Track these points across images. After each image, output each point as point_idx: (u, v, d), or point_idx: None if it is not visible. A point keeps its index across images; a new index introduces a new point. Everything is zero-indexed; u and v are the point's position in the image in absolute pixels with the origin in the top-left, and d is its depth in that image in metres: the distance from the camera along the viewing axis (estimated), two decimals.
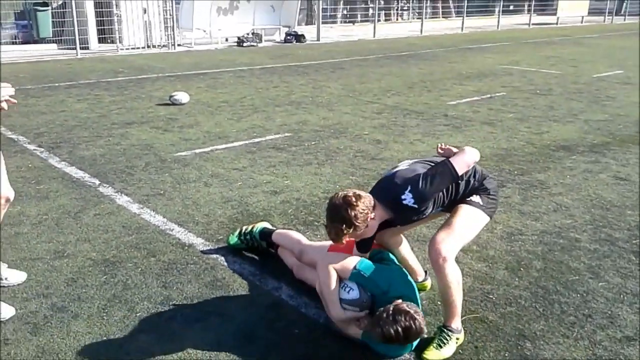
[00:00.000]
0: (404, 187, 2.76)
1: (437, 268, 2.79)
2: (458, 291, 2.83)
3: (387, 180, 2.89)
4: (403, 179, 2.80)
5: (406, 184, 2.77)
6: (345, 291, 2.91)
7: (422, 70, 12.52)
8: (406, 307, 2.65)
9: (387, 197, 2.81)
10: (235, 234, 3.79)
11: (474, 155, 2.89)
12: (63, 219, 4.31)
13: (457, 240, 2.84)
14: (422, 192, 2.74)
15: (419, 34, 22.14)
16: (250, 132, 6.99)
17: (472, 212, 2.92)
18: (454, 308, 2.85)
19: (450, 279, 2.78)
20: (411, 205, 2.77)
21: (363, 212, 2.68)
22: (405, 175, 2.82)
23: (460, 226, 2.86)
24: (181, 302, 3.22)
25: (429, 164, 2.93)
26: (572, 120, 7.83)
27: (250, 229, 3.77)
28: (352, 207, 2.66)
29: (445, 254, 2.76)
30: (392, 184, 2.83)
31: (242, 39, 17.26)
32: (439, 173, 2.79)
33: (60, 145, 6.20)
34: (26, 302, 3.19)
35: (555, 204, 4.74)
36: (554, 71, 12.55)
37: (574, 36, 22.04)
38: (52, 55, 13.88)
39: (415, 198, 2.75)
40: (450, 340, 2.81)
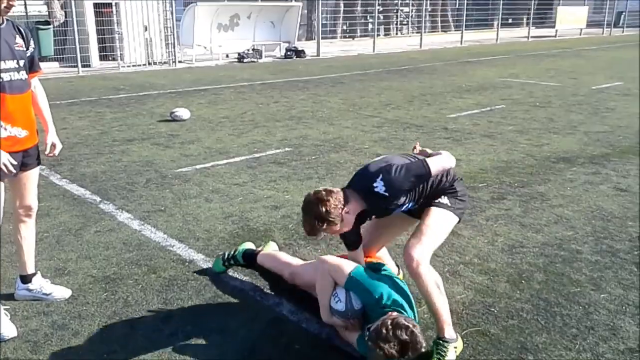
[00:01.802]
0: (376, 175, 2.83)
1: (413, 273, 2.82)
2: (440, 296, 2.84)
3: (362, 171, 2.97)
4: (376, 168, 2.88)
5: (378, 172, 2.84)
6: (334, 301, 2.97)
7: (422, 84, 12.58)
8: (404, 321, 2.63)
9: (360, 186, 2.88)
10: (220, 261, 3.73)
11: (450, 160, 2.98)
12: (64, 237, 4.32)
13: (429, 244, 2.89)
14: (393, 179, 2.79)
15: (418, 48, 22.26)
16: (251, 147, 7.01)
17: (442, 214, 2.98)
18: (441, 316, 2.85)
19: (428, 282, 2.80)
20: (382, 193, 2.81)
21: (335, 207, 2.75)
22: (379, 165, 2.90)
23: (430, 230, 2.91)
24: (182, 319, 3.22)
25: (405, 157, 2.98)
26: (571, 132, 7.84)
27: (232, 253, 3.74)
28: (323, 203, 2.74)
29: (417, 258, 2.80)
30: (366, 173, 2.90)
31: (242, 54, 17.37)
32: (412, 167, 2.86)
33: (62, 162, 6.22)
34: (27, 320, 3.19)
35: (556, 216, 4.73)
36: (553, 83, 12.60)
37: (573, 48, 22.14)
38: (54, 73, 13.97)
39: (386, 186, 2.79)
40: (448, 351, 2.80)
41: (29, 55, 3.10)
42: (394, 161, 2.89)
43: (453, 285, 3.57)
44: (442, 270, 3.75)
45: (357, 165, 6.20)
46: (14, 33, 3.00)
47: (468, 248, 4.12)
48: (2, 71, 2.89)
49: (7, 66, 2.92)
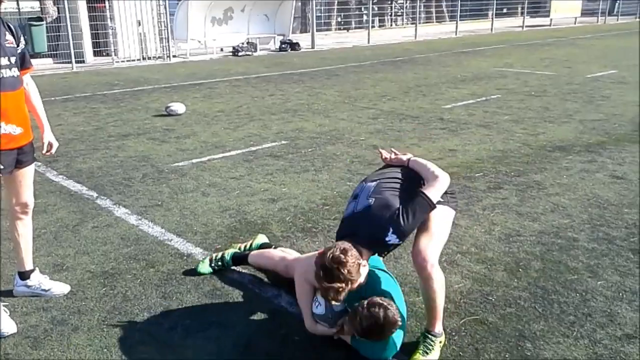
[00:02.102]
0: (385, 229, 2.74)
1: (425, 275, 2.78)
2: (442, 295, 2.83)
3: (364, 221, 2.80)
4: (382, 219, 2.75)
5: (387, 224, 2.73)
6: (315, 306, 2.93)
7: (417, 75, 12.57)
8: (379, 299, 2.66)
9: (369, 240, 2.78)
10: (206, 262, 3.67)
11: (445, 182, 2.88)
12: (61, 232, 4.32)
13: (438, 243, 2.89)
14: (405, 229, 2.75)
15: (413, 39, 22.23)
16: (247, 140, 7.01)
17: (442, 211, 2.96)
18: (437, 312, 2.85)
19: (438, 284, 2.79)
20: (397, 242, 2.80)
21: (354, 265, 2.64)
22: (382, 214, 2.76)
23: (437, 228, 2.90)
24: (181, 312, 3.23)
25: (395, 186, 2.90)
26: (567, 120, 7.86)
27: (220, 256, 3.67)
28: (343, 265, 2.61)
29: (431, 260, 2.77)
30: (371, 226, 2.77)
31: (237, 48, 17.32)
32: (417, 208, 2.77)
33: (57, 158, 6.21)
34: (26, 316, 3.20)
35: (552, 204, 4.75)
36: (548, 72, 12.61)
37: (567, 37, 22.14)
38: (48, 70, 13.91)
39: (399, 236, 2.75)
40: (435, 345, 2.82)
41: (20, 52, 3.09)
42: (394, 204, 2.77)
43: (451, 275, 3.58)
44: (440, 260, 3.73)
45: (353, 157, 6.21)
46: (3, 30, 2.99)
47: (465, 237, 4.14)
48: None
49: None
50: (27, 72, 3.19)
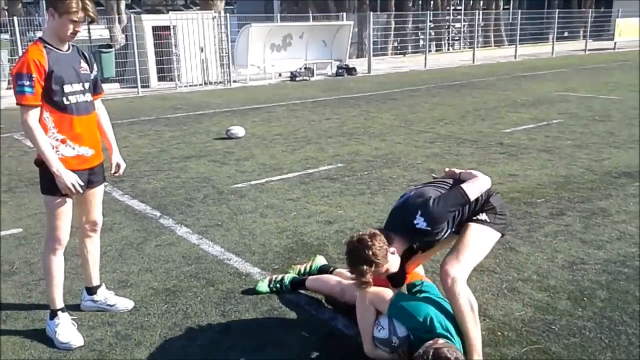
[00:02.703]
0: (414, 212, 2.81)
1: (447, 290, 2.76)
2: (471, 318, 2.73)
3: (398, 210, 2.94)
4: (413, 205, 2.85)
5: (416, 208, 2.81)
6: (377, 329, 2.91)
7: (475, 99, 12.43)
8: (446, 351, 2.55)
9: (401, 227, 2.85)
10: (265, 282, 3.73)
11: (486, 182, 2.93)
12: (126, 250, 4.48)
13: (466, 260, 2.82)
14: (433, 213, 2.77)
15: (471, 63, 22.02)
16: (304, 163, 7.09)
17: (481, 230, 2.91)
18: (471, 340, 2.74)
19: (461, 301, 2.72)
20: (424, 228, 2.79)
21: (381, 249, 2.74)
22: (415, 201, 2.87)
23: (469, 246, 2.85)
24: (240, 331, 3.28)
25: (438, 186, 2.96)
26: (633, 146, 7.57)
27: (280, 279, 3.73)
28: (368, 247, 2.73)
29: (453, 275, 2.74)
30: (403, 213, 2.88)
31: (294, 73, 17.62)
32: (450, 196, 2.83)
33: (123, 179, 6.46)
34: (92, 330, 3.32)
35: (618, 232, 4.58)
36: (613, 97, 12.22)
37: (633, 61, 21.40)
38: (115, 94, 14.54)
39: (428, 220, 2.77)
40: None
41: (93, 78, 3.26)
42: (429, 194, 2.87)
43: (511, 302, 3.50)
44: (500, 287, 3.69)
45: (410, 180, 6.18)
46: (78, 58, 3.17)
47: (527, 264, 4.03)
48: (70, 94, 3.06)
49: (74, 89, 3.09)
50: (98, 97, 3.36)
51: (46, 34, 3.05)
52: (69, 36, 3.02)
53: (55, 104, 3.02)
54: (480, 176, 2.97)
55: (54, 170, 2.99)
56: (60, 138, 3.06)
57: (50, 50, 3.00)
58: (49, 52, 2.99)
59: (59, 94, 3.01)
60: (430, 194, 2.86)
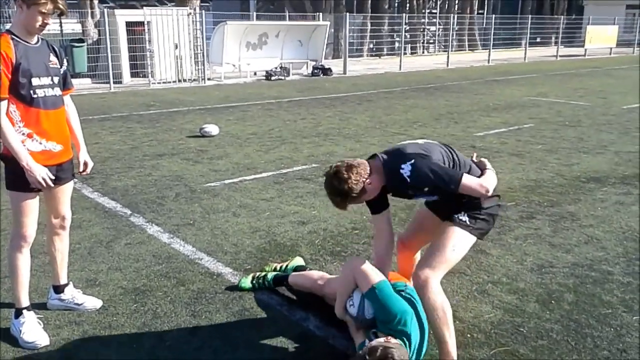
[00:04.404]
0: (408, 158, 2.80)
1: (419, 291, 2.77)
2: (445, 323, 2.72)
3: (400, 148, 2.94)
4: (413, 151, 2.85)
5: (412, 156, 2.81)
6: (349, 303, 3.01)
7: (448, 102, 12.55)
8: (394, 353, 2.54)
9: (389, 162, 2.86)
10: (248, 279, 3.73)
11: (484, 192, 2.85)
12: (95, 248, 4.40)
13: (440, 264, 2.82)
14: (421, 171, 2.76)
15: (445, 66, 22.24)
16: (278, 163, 7.07)
17: (459, 234, 2.90)
18: (444, 344, 2.74)
19: (433, 304, 2.72)
20: (405, 176, 2.79)
21: (356, 182, 2.78)
22: (417, 150, 2.86)
23: (444, 250, 2.85)
24: (210, 332, 3.25)
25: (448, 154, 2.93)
26: (602, 151, 7.74)
27: (263, 275, 3.74)
28: (344, 181, 2.77)
29: (424, 278, 2.74)
30: (400, 153, 2.88)
31: (270, 72, 17.57)
32: (444, 172, 2.80)
33: (93, 176, 6.35)
34: (58, 330, 3.25)
35: (586, 236, 4.66)
36: (583, 103, 12.46)
37: (602, 67, 21.89)
38: (87, 89, 14.31)
39: (412, 172, 2.77)
40: None
41: (62, 73, 3.20)
42: (434, 154, 2.86)
43: (481, 304, 3.53)
44: (470, 289, 3.73)
45: None
46: (48, 51, 3.11)
47: (497, 267, 4.08)
48: (37, 87, 2.99)
49: (42, 83, 3.02)
50: (68, 93, 3.29)
51: (14, 26, 2.98)
52: (37, 29, 2.96)
53: (22, 98, 2.95)
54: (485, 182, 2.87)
55: (24, 164, 2.92)
56: (27, 132, 2.98)
57: (18, 43, 2.93)
58: (17, 45, 2.92)
59: (26, 87, 2.94)
60: (434, 156, 2.84)
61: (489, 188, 2.85)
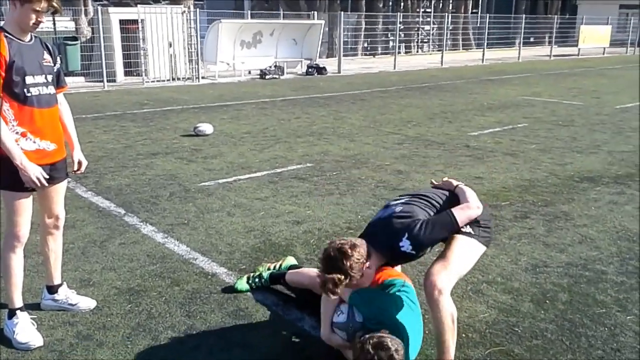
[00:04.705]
0: (401, 234, 2.73)
1: (432, 301, 2.71)
2: (451, 330, 2.72)
3: (383, 226, 2.85)
4: (401, 224, 2.76)
5: (404, 230, 2.74)
6: (337, 314, 2.96)
7: (443, 102, 12.57)
8: (389, 342, 2.55)
9: (383, 244, 2.79)
10: (244, 280, 3.72)
11: (477, 210, 2.87)
12: (89, 248, 4.38)
13: (453, 272, 2.79)
14: (421, 238, 2.72)
15: (439, 66, 22.28)
16: (273, 162, 7.06)
17: (468, 242, 2.88)
18: (445, 349, 2.73)
19: (444, 314, 2.69)
20: (409, 252, 2.75)
21: (358, 262, 2.67)
22: (402, 221, 2.78)
23: (456, 258, 2.82)
24: (205, 332, 3.24)
25: (428, 202, 2.92)
26: (595, 151, 7.77)
27: (258, 274, 3.73)
28: (347, 258, 2.65)
29: (440, 287, 2.69)
30: (389, 230, 2.79)
31: (264, 71, 17.54)
32: (439, 222, 2.78)
33: (87, 175, 6.32)
34: (52, 330, 3.24)
35: (580, 236, 4.68)
36: (576, 102, 12.51)
37: (596, 67, 21.98)
38: (80, 88, 14.25)
39: (413, 245, 2.73)
40: None
41: (56, 71, 3.18)
42: (417, 215, 2.81)
43: (476, 304, 3.54)
44: (465, 289, 3.73)
45: (378, 181, 6.21)
46: (41, 49, 3.09)
47: (491, 267, 4.09)
48: (31, 86, 2.97)
49: (36, 81, 3.00)
50: (62, 91, 3.27)
51: (8, 23, 2.96)
52: (31, 27, 2.94)
53: (16, 96, 2.93)
54: (472, 202, 2.89)
55: (18, 163, 2.90)
56: (21, 131, 2.96)
57: (11, 41, 2.91)
58: (10, 42, 2.90)
59: (19, 86, 2.92)
60: (419, 215, 2.78)
61: (478, 204, 2.89)
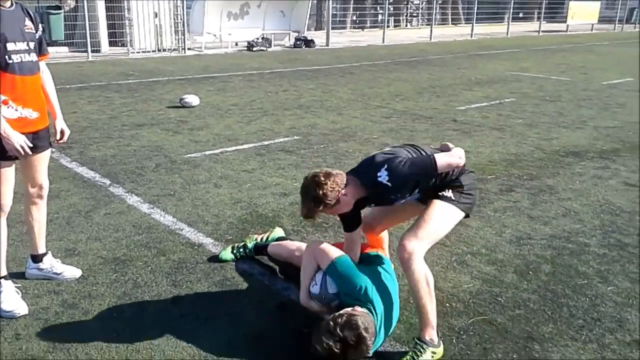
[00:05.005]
0: (381, 165, 2.82)
1: (404, 265, 2.78)
2: (427, 294, 2.74)
3: (368, 160, 2.97)
4: (382, 158, 2.86)
5: (384, 162, 2.83)
6: (312, 284, 3.02)
7: (431, 76, 12.54)
8: (358, 320, 2.59)
9: (364, 174, 2.87)
10: (228, 250, 3.73)
11: (459, 160, 2.88)
12: (74, 218, 4.35)
13: (426, 236, 2.84)
14: (398, 170, 2.77)
15: (428, 40, 22.17)
16: (260, 135, 7.03)
17: (444, 207, 2.92)
18: (425, 315, 2.76)
19: (417, 276, 2.73)
20: (385, 182, 2.79)
21: (332, 190, 2.76)
22: (385, 156, 2.89)
23: (429, 223, 2.86)
24: (191, 301, 3.25)
25: (414, 150, 2.97)
26: (581, 126, 7.81)
27: (243, 245, 3.74)
28: (320, 186, 2.75)
29: (410, 249, 2.75)
30: (371, 162, 2.90)
31: (251, 43, 17.35)
32: (418, 161, 2.85)
33: (71, 145, 6.25)
34: (37, 299, 3.23)
35: (564, 209, 4.73)
36: (564, 78, 12.54)
37: (584, 44, 22.00)
38: (64, 58, 14.01)
39: (390, 176, 2.78)
40: (424, 353, 2.71)
41: (38, 38, 3.11)
42: (400, 154, 2.89)
43: (460, 275, 3.58)
44: (449, 260, 3.77)
45: (365, 154, 6.19)
46: (23, 15, 3.02)
47: (476, 239, 4.13)
48: (13, 53, 2.91)
49: (18, 48, 2.94)
50: (44, 59, 3.20)
51: None
52: None
53: None
54: (455, 152, 2.92)
55: (1, 131, 2.86)
56: (2, 99, 2.90)
57: None
58: None
59: (1, 52, 2.86)
60: (401, 155, 2.87)
61: (460, 155, 2.92)
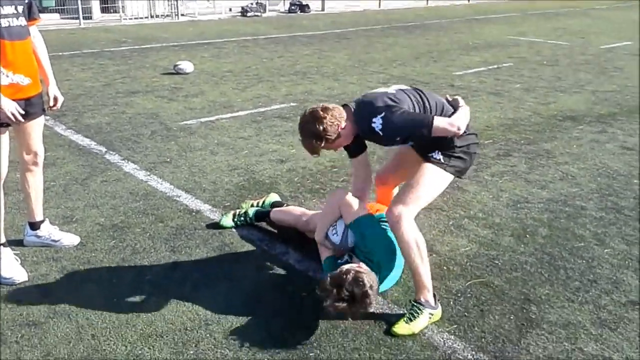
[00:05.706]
0: (378, 112, 2.78)
1: (393, 229, 2.79)
2: (419, 256, 2.74)
3: (372, 98, 2.89)
4: (382, 104, 2.81)
5: (382, 109, 2.78)
6: (332, 232, 3.10)
7: (428, 41, 12.40)
8: (365, 278, 2.63)
9: (360, 116, 2.84)
10: (229, 217, 3.71)
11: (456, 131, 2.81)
12: (71, 186, 4.34)
13: (413, 201, 2.84)
14: (393, 122, 2.75)
15: (425, 5, 21.88)
16: (256, 101, 6.97)
17: (432, 171, 2.91)
18: (418, 277, 2.77)
19: (407, 240, 2.74)
20: (377, 130, 2.78)
21: (332, 124, 2.75)
22: (387, 101, 2.82)
23: (417, 187, 2.86)
24: (190, 266, 3.26)
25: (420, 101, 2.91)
26: (579, 90, 7.77)
27: (244, 212, 3.72)
28: (319, 122, 2.74)
29: (398, 213, 2.75)
30: (371, 104, 2.84)
31: (245, 8, 17.10)
32: (416, 117, 2.81)
33: (66, 113, 6.20)
34: (36, 266, 3.23)
35: (561, 173, 4.74)
36: (562, 42, 12.42)
37: (582, 7, 21.74)
38: (55, 25, 13.78)
39: (384, 125, 2.76)
40: (421, 314, 2.73)
41: (27, 2, 3.04)
42: (403, 104, 2.82)
43: (457, 238, 3.60)
44: (447, 224, 3.78)
45: None
46: None
47: (473, 203, 4.14)
48: (1, 17, 2.85)
49: (5, 12, 2.88)
50: (34, 23, 3.14)
51: None
52: None
53: None
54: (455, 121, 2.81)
55: None
56: None
57: None
58: None
59: None
60: (404, 105, 2.82)
61: (460, 126, 2.82)
